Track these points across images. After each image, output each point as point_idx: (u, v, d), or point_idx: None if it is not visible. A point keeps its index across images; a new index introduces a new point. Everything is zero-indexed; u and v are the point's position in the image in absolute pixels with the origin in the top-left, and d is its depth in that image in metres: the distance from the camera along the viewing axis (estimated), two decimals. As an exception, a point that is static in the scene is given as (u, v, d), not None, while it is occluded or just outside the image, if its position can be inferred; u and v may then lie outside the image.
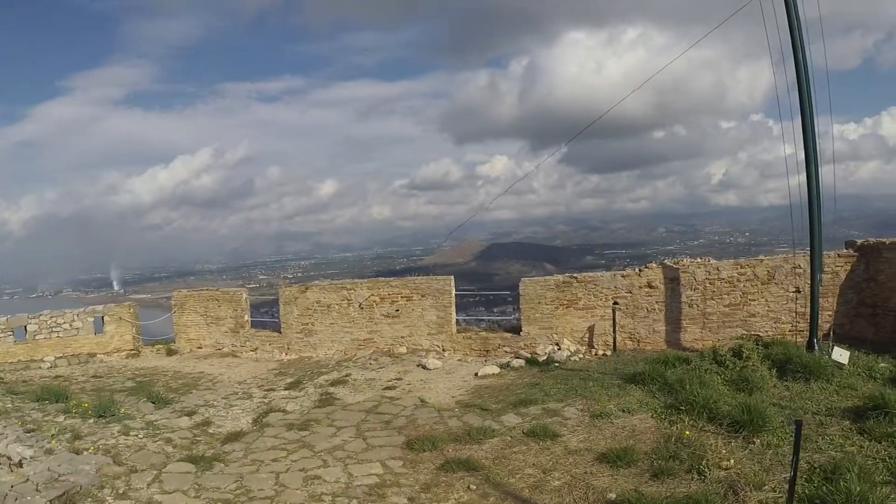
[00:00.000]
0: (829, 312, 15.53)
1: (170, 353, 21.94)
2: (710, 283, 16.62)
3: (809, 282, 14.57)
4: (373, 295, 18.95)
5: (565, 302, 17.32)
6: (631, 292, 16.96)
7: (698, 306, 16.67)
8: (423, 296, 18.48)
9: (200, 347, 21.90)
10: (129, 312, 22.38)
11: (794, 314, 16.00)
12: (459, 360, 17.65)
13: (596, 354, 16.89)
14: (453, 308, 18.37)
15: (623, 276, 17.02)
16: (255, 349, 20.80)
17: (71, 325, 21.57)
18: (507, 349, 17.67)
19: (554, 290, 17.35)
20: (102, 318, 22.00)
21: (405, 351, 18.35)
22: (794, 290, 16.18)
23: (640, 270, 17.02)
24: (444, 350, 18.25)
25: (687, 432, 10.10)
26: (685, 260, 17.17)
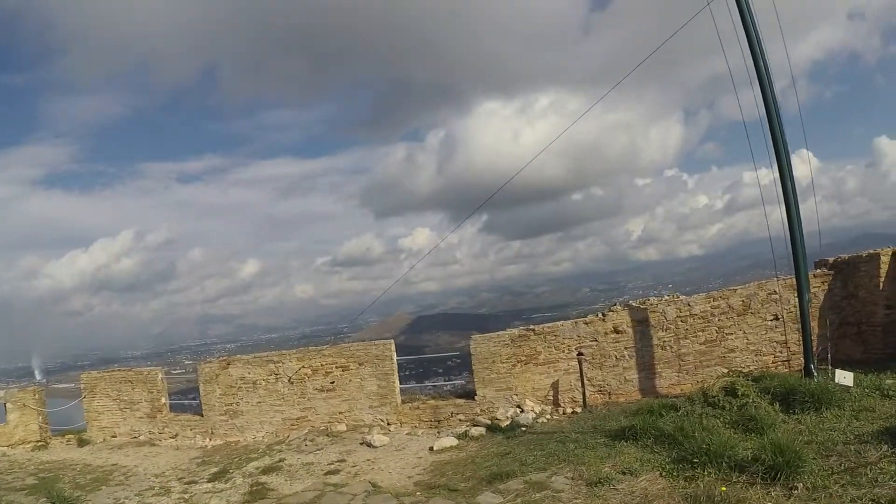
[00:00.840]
0: (813, 336, 14.16)
1: (81, 443, 19.18)
2: (682, 321, 15.28)
3: (795, 306, 13.83)
4: (304, 367, 16.68)
5: (523, 358, 15.49)
6: (596, 340, 15.30)
7: (672, 348, 15.27)
8: (360, 364, 16.32)
9: (115, 436, 19.09)
10: (33, 399, 19.63)
11: (774, 344, 15.14)
12: (408, 433, 15.43)
13: (564, 413, 15.04)
14: (396, 376, 16.26)
15: (586, 324, 15.38)
16: (175, 435, 18.10)
17: (-33, 414, 18.53)
18: (462, 417, 15.60)
19: (509, 346, 15.51)
20: (4, 405, 19.45)
21: (345, 428, 16.05)
22: (771, 318, 15.23)
23: (603, 315, 15.42)
24: (389, 424, 16.05)
25: (723, 488, 8.20)
26: (652, 299, 15.66)
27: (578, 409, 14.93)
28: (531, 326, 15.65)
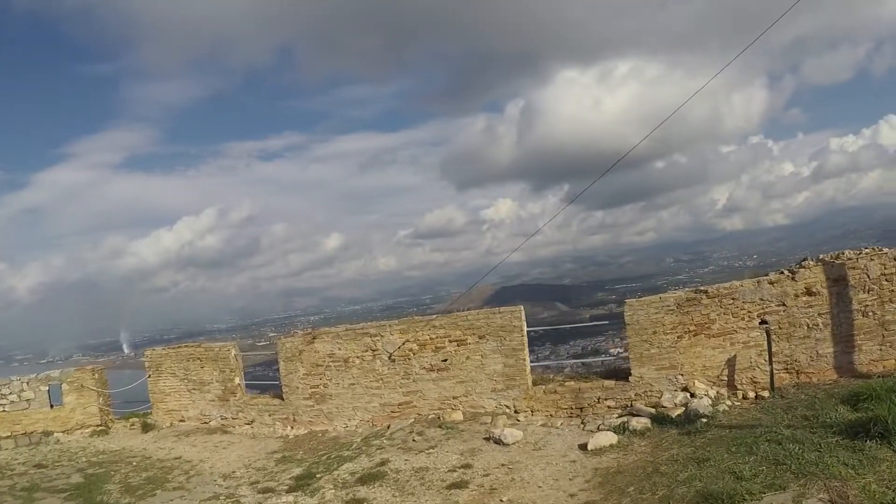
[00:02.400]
0: None
1: (145, 428, 17.24)
2: (886, 281, 12.20)
3: None
4: (408, 341, 13.89)
5: (692, 328, 12.51)
6: (784, 304, 12.27)
7: (875, 314, 12.19)
8: (480, 337, 13.53)
9: (182, 420, 17.04)
10: (93, 378, 17.61)
11: None
12: (543, 424, 12.76)
13: (745, 398, 12.10)
14: (526, 351, 13.50)
15: (771, 283, 12.35)
16: (251, 422, 15.80)
17: (20, 397, 17.19)
18: (611, 403, 12.78)
19: (674, 313, 12.57)
20: (60, 385, 17.43)
21: (461, 417, 13.37)
22: None
23: (792, 273, 12.32)
24: (517, 412, 13.34)
25: None
26: (848, 252, 12.45)
27: (764, 393, 11.97)
28: (702, 287, 12.67)
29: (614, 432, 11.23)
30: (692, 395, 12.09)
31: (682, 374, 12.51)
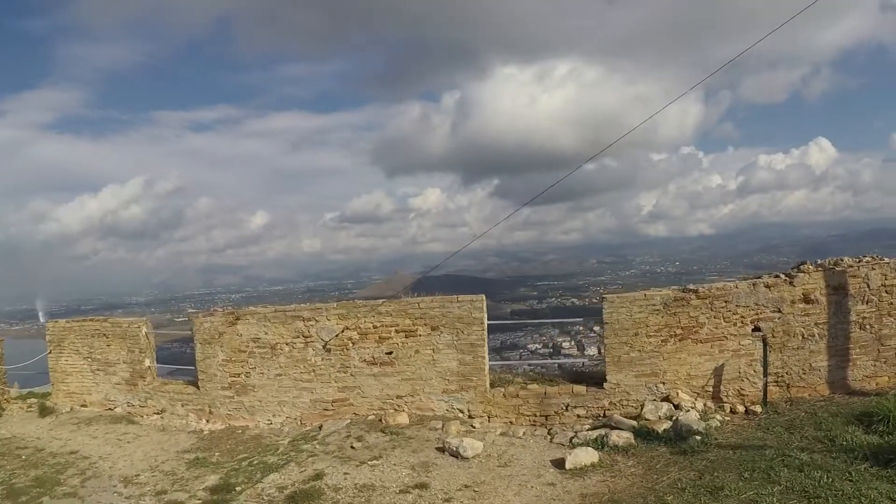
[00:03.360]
0: None
1: (43, 412, 14.58)
2: (886, 292, 11.32)
3: None
4: (348, 328, 11.94)
5: (679, 331, 11.11)
6: (780, 310, 11.08)
7: (872, 327, 11.30)
8: (433, 328, 11.74)
9: (84, 405, 14.58)
10: None
11: None
12: (503, 433, 11.08)
13: (735, 412, 10.80)
14: (485, 348, 11.74)
15: (767, 287, 11.09)
16: (162, 411, 13.58)
17: None
18: (582, 412, 11.26)
19: (660, 313, 11.13)
20: None
21: (406, 421, 11.53)
22: None
23: (790, 277, 11.07)
24: (471, 417, 11.65)
25: None
26: (848, 259, 11.32)
27: (755, 408, 10.71)
28: (692, 287, 11.27)
29: (593, 447, 9.64)
30: (676, 407, 10.70)
31: (663, 383, 11.12)
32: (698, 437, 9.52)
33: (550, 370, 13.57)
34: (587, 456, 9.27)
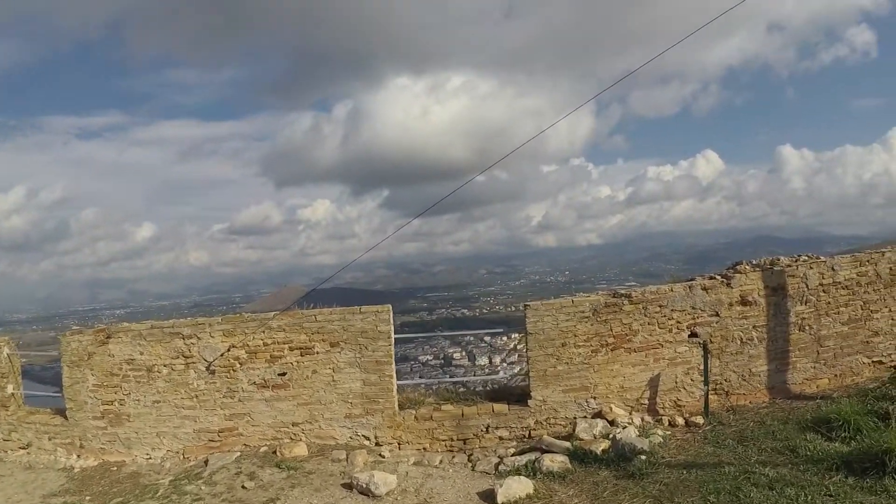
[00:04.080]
0: None
1: None
2: (824, 292, 10.63)
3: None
4: (234, 346, 10.09)
5: (610, 340, 9.92)
6: (717, 314, 10.09)
7: (811, 328, 10.56)
8: (332, 345, 10.07)
9: None
10: None
11: None
12: (417, 462, 9.56)
13: (674, 426, 9.71)
14: (393, 366, 10.11)
15: (705, 290, 10.12)
16: (28, 445, 11.05)
17: None
18: (505, 433, 9.84)
19: (590, 321, 9.91)
20: None
21: (305, 452, 9.79)
22: None
23: (727, 278, 10.14)
24: (379, 444, 10.02)
25: None
26: (784, 259, 10.51)
27: (696, 419, 9.61)
28: (624, 291, 10.10)
29: (525, 475, 8.23)
30: (612, 424, 9.45)
31: (594, 398, 9.87)
32: (643, 457, 8.29)
33: (466, 386, 12.06)
34: (520, 486, 7.83)
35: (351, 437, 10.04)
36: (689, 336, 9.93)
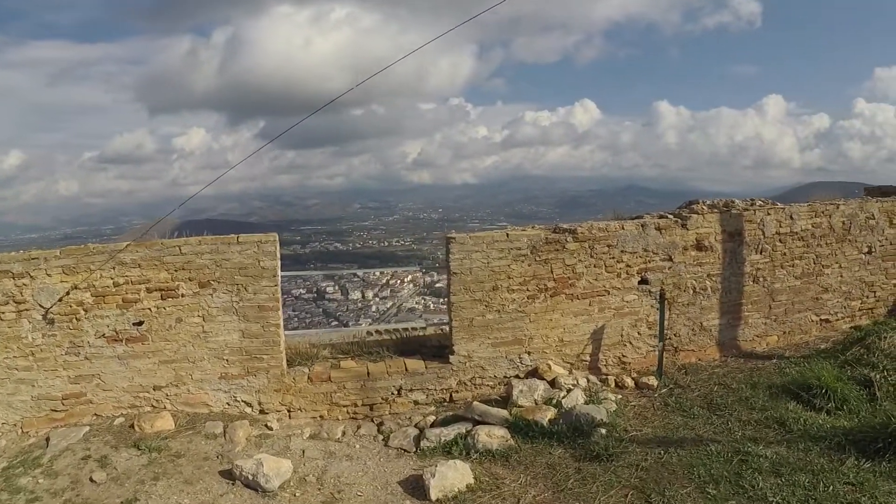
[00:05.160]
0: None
1: None
2: (780, 242, 9.41)
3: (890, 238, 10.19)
4: (77, 287, 7.54)
5: (550, 283, 8.19)
6: (671, 258, 8.56)
7: (765, 280, 9.34)
8: (202, 285, 7.77)
9: None
10: None
11: (863, 286, 10.21)
12: (314, 435, 7.54)
13: (622, 387, 8.22)
14: (279, 312, 7.93)
15: (659, 230, 8.49)
16: None
17: None
18: (421, 397, 8.01)
19: (527, 260, 8.12)
20: None
21: (171, 425, 7.55)
22: (866, 250, 10.12)
23: (682, 219, 8.63)
24: (264, 412, 7.90)
25: None
26: (739, 202, 9.14)
27: (647, 380, 8.12)
28: (567, 226, 8.25)
29: (457, 455, 6.40)
30: (552, 385, 7.74)
31: (529, 353, 8.15)
32: (603, 430, 6.65)
33: (383, 339, 9.99)
34: (457, 475, 5.98)
35: (228, 404, 7.84)
36: (640, 283, 8.36)
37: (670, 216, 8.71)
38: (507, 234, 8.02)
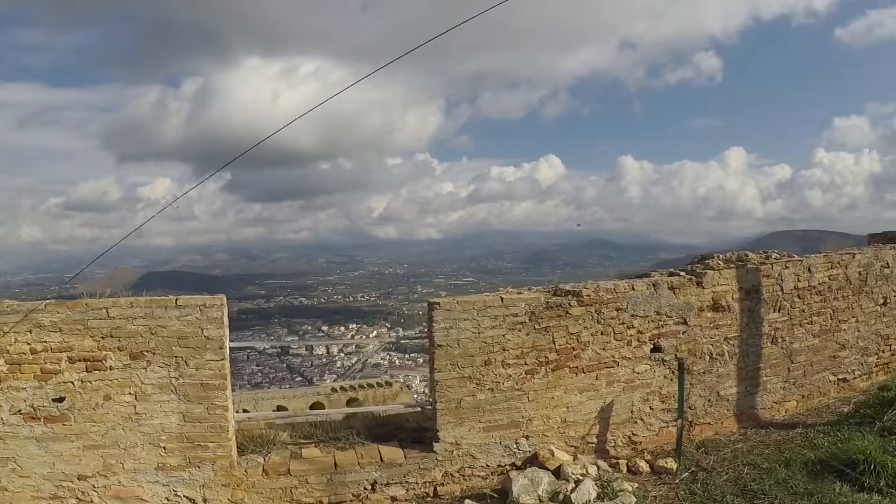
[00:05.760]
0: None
1: None
2: (798, 297, 8.39)
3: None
4: (-20, 356, 6.11)
5: (552, 356, 6.94)
6: (686, 321, 7.29)
7: (784, 340, 8.31)
8: (134, 356, 6.35)
9: None
10: None
11: (879, 339, 9.50)
12: (268, 539, 5.99)
13: (636, 472, 7.06)
14: (228, 390, 6.55)
15: (673, 290, 7.32)
16: None
17: None
18: (401, 492, 6.67)
19: (524, 329, 6.85)
20: None
21: (86, 527, 5.96)
22: (881, 301, 9.34)
23: (697, 276, 7.46)
24: (208, 510, 6.33)
25: None
26: (753, 255, 8.17)
27: (665, 463, 6.90)
28: (570, 287, 7.03)
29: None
30: (556, 474, 6.47)
31: (527, 436, 6.86)
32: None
33: (359, 424, 8.61)
34: None
35: (168, 499, 6.39)
36: (652, 350, 7.20)
37: (682, 273, 7.59)
38: (502, 299, 6.77)
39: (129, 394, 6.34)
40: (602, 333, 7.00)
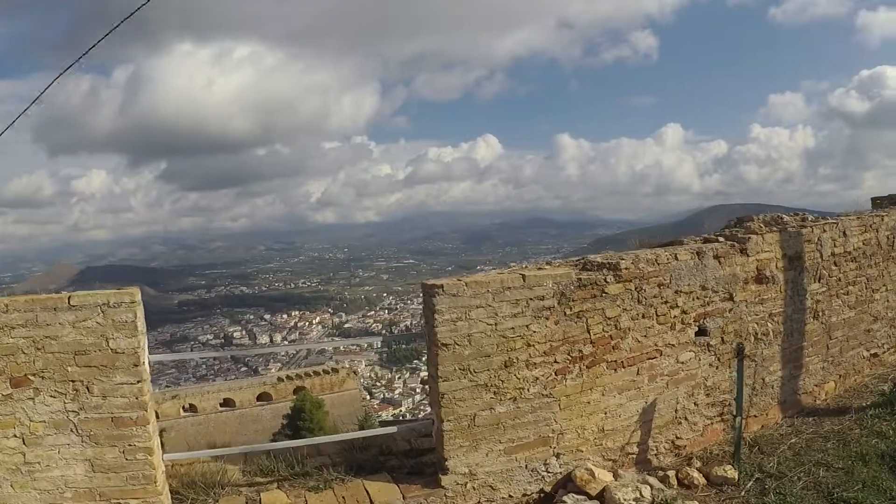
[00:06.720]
0: None
1: None
2: (835, 265, 7.14)
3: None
4: None
5: (587, 348, 5.27)
6: (731, 297, 5.77)
7: (823, 314, 7.02)
8: (16, 383, 4.39)
9: None
10: None
11: None
12: None
13: (689, 486, 5.46)
14: (152, 424, 4.61)
15: (718, 258, 5.97)
16: None
17: None
18: (400, 542, 4.78)
19: (552, 316, 5.20)
20: None
21: None
22: None
23: (738, 241, 6.01)
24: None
25: None
26: (787, 217, 7.13)
27: (724, 472, 5.45)
28: (603, 259, 5.41)
29: None
30: (599, 500, 4.88)
31: (559, 454, 5.23)
32: None
33: (341, 451, 6.74)
34: None
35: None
36: (696, 334, 5.73)
37: (722, 238, 6.14)
38: (524, 277, 5.03)
39: (14, 436, 4.34)
40: (643, 316, 5.45)
